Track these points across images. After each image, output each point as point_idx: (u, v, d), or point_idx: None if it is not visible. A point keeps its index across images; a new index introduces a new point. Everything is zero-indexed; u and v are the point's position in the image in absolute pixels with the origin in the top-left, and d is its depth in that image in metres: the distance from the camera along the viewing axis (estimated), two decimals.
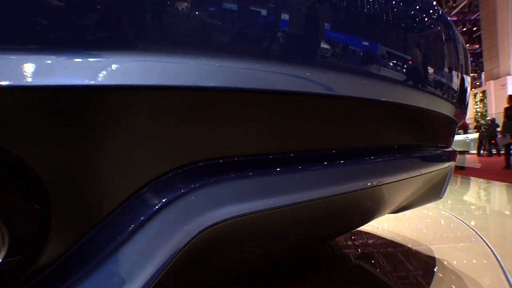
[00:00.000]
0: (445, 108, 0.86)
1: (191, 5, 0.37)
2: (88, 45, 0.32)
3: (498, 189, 3.46)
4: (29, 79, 0.30)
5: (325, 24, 0.49)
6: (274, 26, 0.43)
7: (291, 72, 0.45)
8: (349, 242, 1.56)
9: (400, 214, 2.04)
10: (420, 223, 1.92)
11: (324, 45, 0.49)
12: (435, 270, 1.17)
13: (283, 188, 0.47)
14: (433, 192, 0.98)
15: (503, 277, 1.08)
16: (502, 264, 1.19)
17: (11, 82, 0.29)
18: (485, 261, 1.20)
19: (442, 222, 1.96)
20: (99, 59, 0.33)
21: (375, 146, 0.68)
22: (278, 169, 0.46)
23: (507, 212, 2.28)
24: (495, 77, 17.20)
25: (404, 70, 0.65)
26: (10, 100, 0.30)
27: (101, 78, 0.33)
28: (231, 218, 0.41)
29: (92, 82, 0.32)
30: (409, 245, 1.49)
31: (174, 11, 0.36)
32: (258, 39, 0.42)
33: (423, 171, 0.81)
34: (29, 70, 0.30)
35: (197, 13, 0.38)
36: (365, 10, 0.55)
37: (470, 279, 1.06)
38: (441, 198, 1.06)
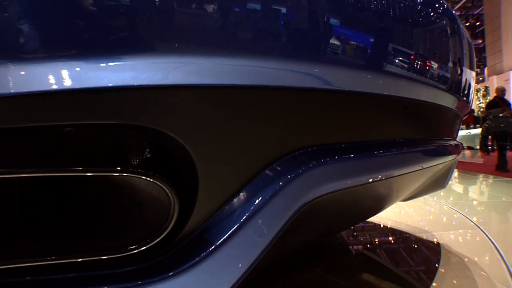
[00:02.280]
0: (452, 103, 0.89)
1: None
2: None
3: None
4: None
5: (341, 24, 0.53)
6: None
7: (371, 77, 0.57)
8: (354, 233, 1.59)
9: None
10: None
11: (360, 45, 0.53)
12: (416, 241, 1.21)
13: (360, 170, 0.59)
14: (439, 181, 1.02)
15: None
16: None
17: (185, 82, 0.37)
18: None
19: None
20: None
21: (403, 139, 0.75)
22: (356, 155, 0.59)
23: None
24: (498, 72, 17.11)
25: (417, 65, 0.68)
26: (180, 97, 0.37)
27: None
28: (326, 194, 0.51)
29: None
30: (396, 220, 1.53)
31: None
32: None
33: (436, 162, 0.85)
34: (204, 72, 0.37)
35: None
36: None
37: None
38: (445, 187, 1.09)
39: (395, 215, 2.05)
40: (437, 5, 0.80)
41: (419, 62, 0.70)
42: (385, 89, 0.65)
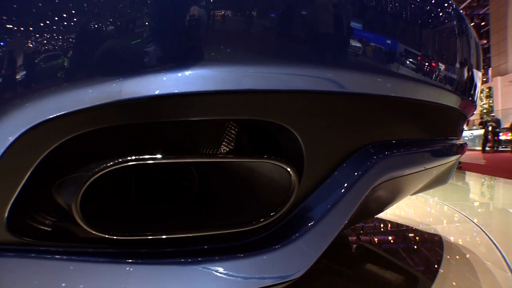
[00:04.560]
0: (459, 103, 0.97)
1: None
2: None
3: None
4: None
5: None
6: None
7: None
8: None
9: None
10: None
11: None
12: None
13: (413, 161, 0.71)
14: (442, 178, 1.11)
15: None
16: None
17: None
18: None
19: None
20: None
21: (431, 138, 0.83)
22: (412, 149, 0.70)
23: None
24: (503, 73, 17.11)
25: (432, 68, 0.74)
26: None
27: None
28: (390, 179, 0.63)
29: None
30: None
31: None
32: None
33: (453, 158, 0.94)
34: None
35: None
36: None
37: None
38: (446, 183, 1.18)
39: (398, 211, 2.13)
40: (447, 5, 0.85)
41: (432, 63, 0.75)
42: (421, 95, 0.73)
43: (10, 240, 0.48)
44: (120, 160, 0.38)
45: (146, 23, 0.40)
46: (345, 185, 0.53)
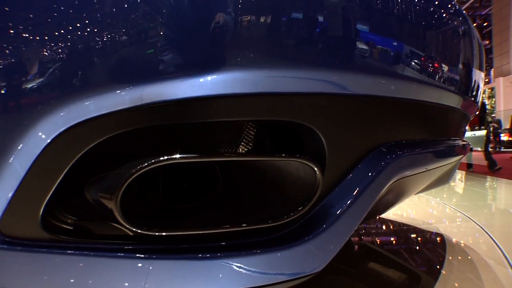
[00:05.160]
0: (462, 104, 0.99)
1: None
2: None
3: None
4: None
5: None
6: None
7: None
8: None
9: None
10: None
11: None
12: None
13: (426, 160, 0.76)
14: (444, 177, 1.13)
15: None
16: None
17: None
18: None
19: None
20: None
21: (440, 138, 0.86)
22: (422, 149, 0.74)
23: None
24: (505, 73, 17.07)
25: (444, 71, 0.77)
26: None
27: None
28: (402, 178, 0.66)
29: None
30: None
31: None
32: None
33: (452, 159, 0.97)
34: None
35: None
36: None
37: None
38: (448, 182, 1.21)
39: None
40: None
41: (439, 64, 0.78)
42: (431, 97, 0.76)
43: (43, 237, 0.51)
44: (159, 159, 0.41)
45: (185, 32, 0.43)
46: (363, 183, 0.56)
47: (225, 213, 0.57)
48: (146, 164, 0.41)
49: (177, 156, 0.41)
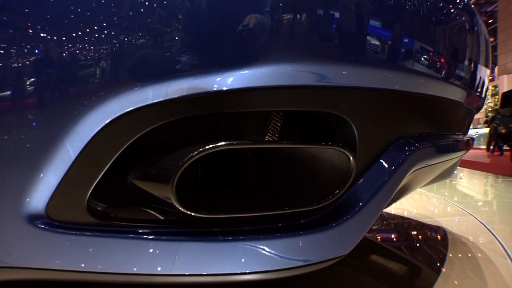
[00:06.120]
0: (470, 100, 1.02)
1: None
2: None
3: None
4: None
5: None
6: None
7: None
8: None
9: None
10: None
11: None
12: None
13: (442, 151, 0.80)
14: (447, 172, 1.16)
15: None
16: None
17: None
18: None
19: None
20: None
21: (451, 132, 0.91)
22: (438, 142, 0.78)
23: None
24: (509, 71, 16.99)
25: (462, 69, 0.80)
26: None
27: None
28: (422, 167, 0.70)
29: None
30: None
31: None
32: None
33: (460, 153, 1.00)
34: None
35: None
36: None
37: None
38: (450, 177, 1.23)
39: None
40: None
41: (447, 59, 0.80)
42: (449, 94, 0.79)
43: (89, 221, 0.54)
44: (210, 146, 0.44)
45: (240, 28, 0.46)
46: (387, 171, 0.60)
47: (261, 199, 0.59)
48: (201, 150, 0.43)
49: (225, 143, 0.44)
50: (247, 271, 0.50)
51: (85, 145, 0.47)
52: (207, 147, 0.43)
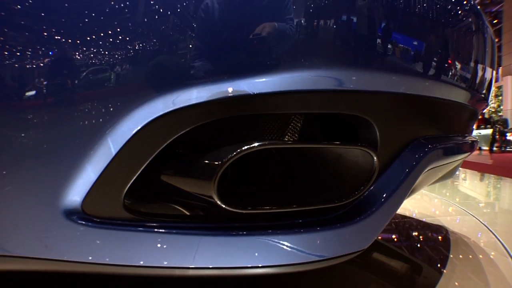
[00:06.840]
0: (473, 102, 1.04)
1: None
2: None
3: None
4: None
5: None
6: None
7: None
8: None
9: None
10: None
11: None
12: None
13: (451, 153, 0.83)
14: (450, 172, 1.19)
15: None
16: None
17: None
18: None
19: None
20: None
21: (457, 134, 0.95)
22: (449, 143, 0.82)
23: None
24: None
25: (454, 66, 0.81)
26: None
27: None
28: (434, 167, 0.74)
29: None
30: None
31: None
32: None
33: (466, 154, 1.02)
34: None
35: None
36: None
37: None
38: (452, 177, 1.27)
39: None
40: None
41: (453, 61, 0.81)
42: (460, 98, 0.81)
43: (124, 216, 0.55)
44: (251, 146, 0.46)
45: (275, 37, 0.49)
46: (405, 171, 0.64)
47: (289, 195, 0.62)
48: (239, 150, 0.45)
49: (261, 143, 0.47)
50: (290, 263, 0.54)
51: (126, 142, 0.49)
52: (245, 147, 0.45)
